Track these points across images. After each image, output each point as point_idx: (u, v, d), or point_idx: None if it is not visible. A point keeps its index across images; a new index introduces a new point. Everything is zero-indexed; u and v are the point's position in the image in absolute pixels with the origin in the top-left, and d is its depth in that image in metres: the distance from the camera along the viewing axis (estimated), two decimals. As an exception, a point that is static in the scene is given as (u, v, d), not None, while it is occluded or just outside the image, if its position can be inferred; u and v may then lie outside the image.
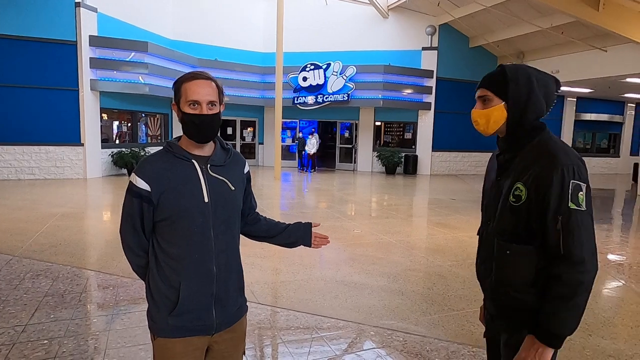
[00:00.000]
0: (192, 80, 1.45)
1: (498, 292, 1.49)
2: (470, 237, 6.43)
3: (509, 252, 1.43)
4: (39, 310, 3.43)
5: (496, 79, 1.47)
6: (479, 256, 1.62)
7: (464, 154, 16.92)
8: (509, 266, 1.43)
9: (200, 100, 1.43)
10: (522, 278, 1.40)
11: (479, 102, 1.52)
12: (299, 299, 3.89)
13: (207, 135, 1.48)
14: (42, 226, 6.26)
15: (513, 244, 1.42)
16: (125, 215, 1.50)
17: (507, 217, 1.43)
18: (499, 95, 1.45)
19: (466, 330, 3.36)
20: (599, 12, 10.84)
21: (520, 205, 1.38)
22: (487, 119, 1.49)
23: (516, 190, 1.40)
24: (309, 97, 15.78)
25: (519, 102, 1.43)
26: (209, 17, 15.97)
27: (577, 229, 1.30)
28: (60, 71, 11.56)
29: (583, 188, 1.32)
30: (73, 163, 11.93)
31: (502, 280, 1.46)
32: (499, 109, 1.46)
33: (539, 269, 1.37)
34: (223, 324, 1.53)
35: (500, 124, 1.48)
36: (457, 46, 16.22)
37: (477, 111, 1.52)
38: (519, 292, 1.41)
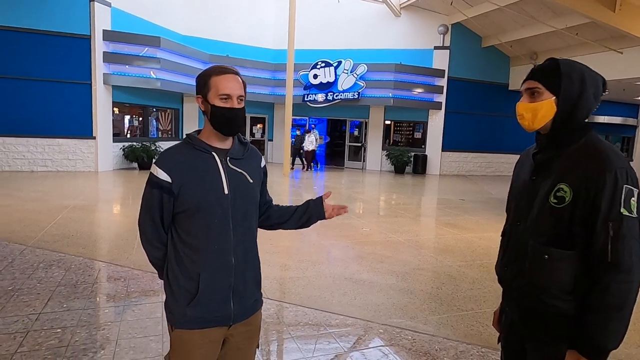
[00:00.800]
0: (222, 74, 1.48)
1: (528, 297, 1.40)
2: (480, 238, 6.40)
3: (547, 257, 1.33)
4: (52, 299, 3.49)
5: (549, 72, 1.38)
6: (503, 258, 1.54)
7: (474, 154, 16.80)
8: (546, 271, 1.34)
9: (232, 94, 1.47)
10: (559, 284, 1.31)
11: (527, 95, 1.42)
12: (308, 295, 3.90)
13: (236, 128, 1.52)
14: (54, 218, 6.34)
15: (552, 248, 1.33)
16: (145, 206, 1.51)
17: (545, 219, 1.35)
18: (551, 89, 1.37)
19: (475, 330, 3.35)
20: (615, 13, 10.68)
21: (563, 207, 1.30)
22: (534, 114, 1.40)
23: (559, 192, 1.32)
24: (319, 95, 15.77)
25: (571, 99, 1.35)
26: (220, 13, 16.02)
27: (627, 236, 1.22)
28: (73, 65, 11.68)
29: (635, 194, 1.25)
30: (85, 156, 12.06)
31: (535, 285, 1.37)
32: (549, 104, 1.37)
33: (578, 275, 1.29)
34: (240, 315, 1.55)
35: (547, 120, 1.39)
36: (469, 46, 16.09)
37: (523, 104, 1.42)
38: (554, 299, 1.32)
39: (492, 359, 2.90)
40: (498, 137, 17.03)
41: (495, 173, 17.16)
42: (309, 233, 6.24)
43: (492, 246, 5.96)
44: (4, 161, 11.30)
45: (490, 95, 16.66)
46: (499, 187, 13.35)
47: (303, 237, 5.99)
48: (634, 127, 20.46)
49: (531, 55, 15.58)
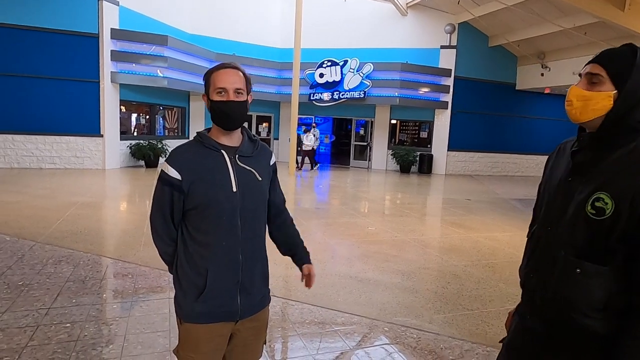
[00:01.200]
0: (220, 70, 1.50)
1: (554, 310, 1.27)
2: (486, 238, 6.39)
3: (579, 271, 1.20)
4: (61, 295, 3.53)
5: (619, 59, 1.19)
6: (529, 264, 1.41)
7: (480, 154, 16.73)
8: (576, 286, 1.20)
9: (227, 87, 1.48)
10: (590, 301, 1.18)
11: (585, 80, 1.24)
12: (313, 293, 3.92)
13: (235, 122, 1.52)
14: (63, 214, 6.41)
15: (585, 262, 1.19)
16: (156, 203, 1.54)
17: (580, 230, 1.20)
18: (615, 80, 1.18)
19: (480, 329, 3.35)
20: (624, 13, 10.60)
21: (602, 220, 1.15)
22: (585, 103, 1.22)
23: (598, 201, 1.16)
24: (325, 94, 15.77)
25: (634, 97, 1.17)
26: (227, 12, 16.07)
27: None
28: (82, 63, 11.77)
29: None
30: (92, 154, 12.16)
31: (563, 299, 1.24)
32: (606, 97, 1.19)
33: (612, 294, 1.17)
34: (247, 311, 1.57)
35: (598, 115, 1.21)
36: (476, 45, 16.02)
37: (577, 89, 1.24)
38: (583, 316, 1.20)
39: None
40: (505, 137, 16.95)
41: (502, 173, 17.08)
42: (315, 232, 6.27)
43: (498, 246, 5.95)
44: (13, 158, 11.42)
45: (497, 95, 16.58)
46: (505, 187, 13.30)
47: (309, 236, 6.01)
48: None
49: (539, 55, 15.48)
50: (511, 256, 5.49)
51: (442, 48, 15.82)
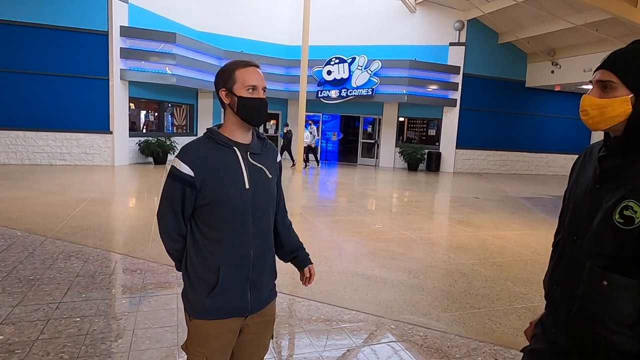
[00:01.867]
0: (247, 67, 1.54)
1: (579, 324, 1.20)
2: (494, 236, 6.35)
3: (606, 284, 1.12)
4: (71, 289, 3.58)
5: (629, 62, 1.13)
6: (553, 275, 1.34)
7: (489, 152, 16.61)
8: (603, 300, 1.13)
9: (258, 85, 1.54)
10: (618, 316, 1.11)
11: (597, 88, 1.18)
12: (320, 290, 3.93)
13: (262, 118, 1.58)
14: (73, 210, 6.49)
15: (613, 274, 1.11)
16: (166, 199, 1.54)
17: (607, 239, 1.13)
18: (629, 83, 1.11)
19: (488, 328, 3.34)
20: (637, 9, 10.43)
21: (632, 230, 1.08)
22: (602, 111, 1.15)
23: (627, 210, 1.09)
24: (333, 91, 15.75)
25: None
26: (235, 9, 16.10)
27: None
28: (91, 60, 11.88)
29: None
30: (102, 150, 12.27)
31: (589, 313, 1.17)
32: (623, 102, 1.12)
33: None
34: (256, 307, 1.58)
35: (620, 121, 1.14)
36: (485, 42, 15.88)
37: (590, 98, 1.18)
38: (611, 332, 1.12)
39: (504, 357, 2.90)
40: (514, 135, 16.81)
41: (510, 171, 16.95)
42: (321, 229, 6.28)
43: (506, 245, 5.91)
44: (24, 155, 11.57)
45: (507, 93, 16.43)
46: (514, 185, 13.20)
47: (315, 233, 6.02)
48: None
49: (549, 52, 15.31)
50: (519, 255, 5.45)
51: (450, 45, 15.71)
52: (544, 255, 5.39)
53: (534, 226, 7.24)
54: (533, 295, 4.08)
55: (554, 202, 10.24)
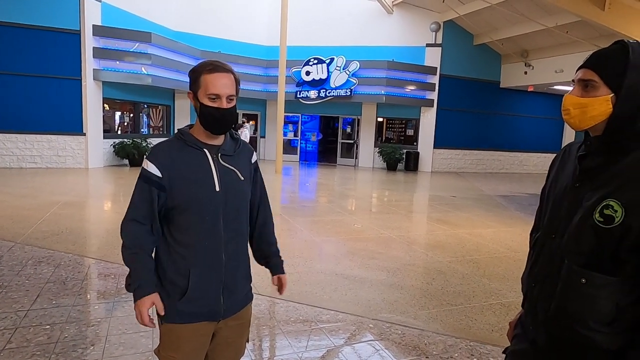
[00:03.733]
0: (213, 73, 1.44)
1: (558, 323, 1.20)
2: (470, 234, 6.46)
3: (584, 282, 1.13)
4: (40, 296, 3.46)
5: (612, 61, 1.12)
6: (531, 273, 1.33)
7: (466, 151, 16.91)
8: (581, 298, 1.13)
9: (221, 94, 1.44)
10: (596, 314, 1.12)
11: (578, 87, 1.17)
12: (299, 291, 3.92)
13: (225, 127, 1.50)
14: (44, 214, 6.28)
15: (592, 272, 1.12)
16: (134, 200, 1.50)
17: (586, 238, 1.13)
18: (609, 83, 1.11)
19: (464, 324, 3.39)
20: (604, 12, 10.79)
21: (611, 229, 1.08)
22: (583, 110, 1.15)
23: (607, 209, 1.09)
24: (312, 92, 15.75)
25: (635, 98, 1.09)
26: (212, 9, 15.91)
27: None
28: (63, 60, 11.54)
29: None
30: (75, 152, 11.94)
31: (567, 311, 1.17)
32: (603, 102, 1.12)
33: (620, 306, 1.10)
34: (230, 310, 1.56)
35: (601, 120, 1.14)
36: (461, 43, 16.16)
37: (572, 97, 1.18)
38: (589, 330, 1.13)
39: (480, 352, 2.94)
40: (489, 135, 17.16)
41: (487, 170, 17.29)
42: (301, 229, 6.26)
43: (482, 242, 6.02)
44: (-8, 157, 11.16)
45: (482, 93, 16.76)
46: (489, 184, 13.47)
47: (295, 234, 6.00)
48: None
49: (522, 53, 15.70)
50: (495, 252, 5.56)
51: (427, 46, 15.92)
52: (519, 251, 5.51)
53: (509, 223, 7.40)
54: (508, 291, 4.16)
55: (529, 199, 10.50)
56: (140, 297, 1.46)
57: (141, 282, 1.46)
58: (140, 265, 1.47)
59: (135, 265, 1.47)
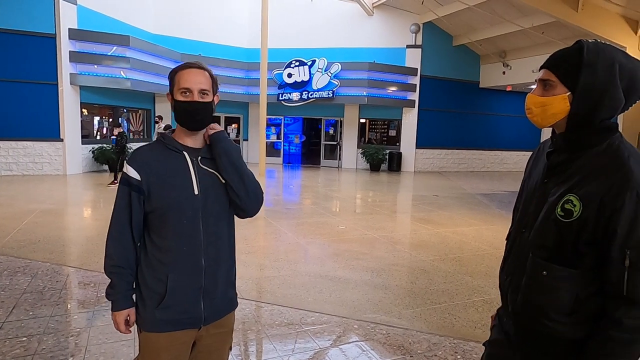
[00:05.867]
0: (185, 69, 1.47)
1: (524, 314, 1.25)
2: (453, 232, 6.53)
3: (545, 274, 1.18)
4: (17, 307, 3.36)
5: (567, 61, 1.17)
6: (504, 267, 1.39)
7: (447, 151, 17.12)
8: (544, 289, 1.18)
9: (192, 87, 1.44)
10: (557, 305, 1.16)
11: (539, 86, 1.22)
12: (284, 294, 3.90)
13: (199, 122, 1.49)
14: (20, 223, 6.11)
15: (553, 265, 1.17)
16: (116, 205, 1.49)
17: (549, 232, 1.18)
18: (566, 82, 1.16)
19: (448, 322, 3.42)
20: (578, 13, 11.08)
21: (571, 222, 1.13)
22: (544, 109, 1.20)
23: (567, 203, 1.14)
24: (294, 94, 15.74)
25: (590, 96, 1.13)
26: (192, 12, 15.76)
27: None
28: (38, 65, 11.26)
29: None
30: (52, 159, 11.66)
31: (531, 302, 1.22)
32: (561, 100, 1.17)
33: (579, 298, 1.14)
34: (211, 317, 1.53)
35: (560, 118, 1.19)
36: (440, 44, 16.38)
37: (533, 97, 1.23)
38: (550, 320, 1.18)
39: (463, 349, 2.97)
40: (470, 134, 17.41)
41: (468, 169, 17.54)
42: (285, 232, 6.24)
43: (464, 240, 6.10)
44: (-35, 165, 10.81)
45: (462, 93, 17.01)
46: (471, 182, 13.66)
47: (279, 237, 5.97)
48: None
49: (500, 54, 15.99)
50: (477, 249, 5.63)
51: (408, 47, 16.09)
52: (501, 249, 5.56)
53: (491, 221, 7.52)
54: (490, 288, 4.22)
55: (509, 197, 10.68)
56: (116, 310, 1.49)
57: (118, 297, 1.48)
58: (119, 279, 1.48)
59: (115, 277, 1.48)
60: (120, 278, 1.47)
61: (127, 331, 1.52)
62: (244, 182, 1.53)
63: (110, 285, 1.49)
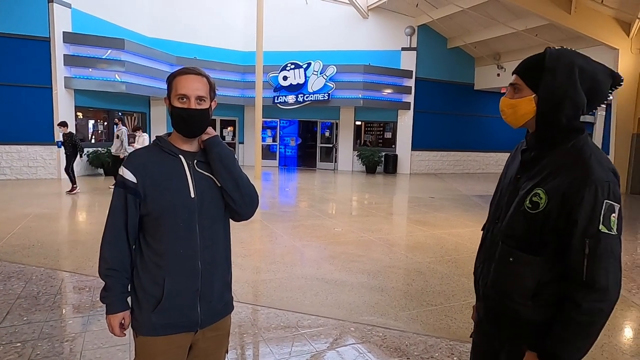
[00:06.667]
0: (183, 75, 1.47)
1: (491, 297, 1.38)
2: (449, 234, 6.55)
3: (512, 260, 1.30)
4: (11, 312, 3.34)
5: (532, 66, 1.30)
6: (479, 255, 1.51)
7: (443, 153, 17.18)
8: (509, 274, 1.31)
9: (189, 94, 1.45)
10: (521, 289, 1.28)
11: (510, 90, 1.36)
12: (280, 297, 3.89)
13: (195, 129, 1.49)
14: (14, 227, 6.07)
15: (519, 252, 1.29)
16: (112, 207, 1.49)
17: (518, 222, 1.30)
18: (531, 85, 1.29)
19: (444, 324, 3.42)
20: (570, 15, 11.17)
21: (537, 214, 1.24)
22: (514, 110, 1.34)
23: (534, 196, 1.25)
24: (290, 97, 15.75)
25: (552, 97, 1.25)
26: (187, 15, 15.76)
27: (604, 255, 1.16)
28: (32, 68, 11.22)
29: (616, 209, 1.18)
30: (46, 163, 11.60)
31: (498, 286, 1.35)
32: (528, 102, 1.30)
33: (541, 283, 1.25)
34: (207, 320, 1.53)
35: (529, 118, 1.32)
36: (435, 47, 16.46)
37: (504, 100, 1.37)
38: (514, 303, 1.29)
39: (459, 351, 2.98)
40: (465, 136, 17.48)
41: (464, 171, 17.60)
42: (281, 235, 6.23)
43: (461, 242, 6.11)
44: (-42, 170, 10.73)
45: (457, 95, 17.09)
46: (467, 184, 13.71)
47: (275, 240, 5.96)
48: (592, 124, 21.41)
49: (494, 56, 16.08)
50: (473, 251, 5.61)
51: (403, 50, 16.15)
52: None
53: (486, 223, 7.53)
54: (486, 289, 4.22)
55: (504, 198, 10.70)
56: (111, 313, 1.48)
57: (113, 300, 1.47)
58: (114, 282, 1.47)
59: (109, 280, 1.47)
60: (115, 281, 1.47)
61: (122, 334, 1.50)
62: (239, 186, 1.54)
63: (104, 288, 1.48)
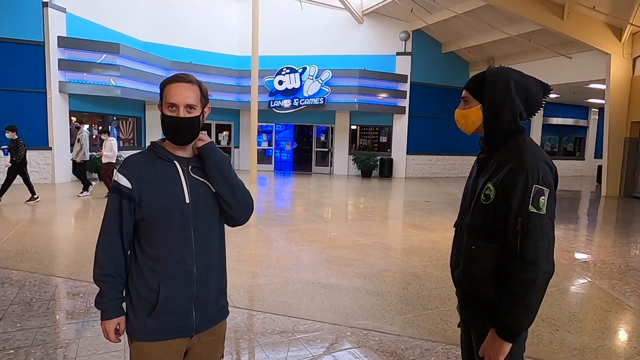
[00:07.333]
0: (173, 83, 1.46)
1: (463, 282, 1.60)
2: (444, 238, 6.57)
3: (474, 248, 1.52)
4: (4, 319, 3.30)
5: (476, 82, 1.56)
6: (452, 248, 1.72)
7: (438, 157, 17.25)
8: (473, 260, 1.53)
9: (178, 103, 1.44)
10: (483, 272, 1.50)
11: (462, 102, 1.60)
12: (276, 301, 3.88)
13: (184, 137, 1.49)
14: (7, 233, 6.02)
15: (479, 240, 1.51)
16: (106, 213, 1.48)
17: (477, 215, 1.52)
18: (476, 97, 1.54)
19: (440, 328, 3.43)
20: (563, 21, 11.29)
21: (489, 205, 1.46)
22: (466, 119, 1.58)
23: (486, 190, 1.48)
24: (285, 101, 15.78)
25: (493, 105, 1.50)
26: (182, 19, 15.77)
27: (533, 231, 1.37)
28: (27, 73, 11.16)
29: (545, 193, 1.39)
30: (41, 167, 11.52)
31: (466, 272, 1.57)
32: (476, 111, 1.54)
33: (499, 265, 1.46)
34: (203, 325, 1.53)
35: (478, 125, 1.57)
36: (430, 52, 16.57)
37: (458, 111, 1.61)
38: (480, 285, 1.51)
39: (456, 355, 2.98)
40: (460, 140, 17.54)
41: (459, 175, 17.67)
42: (277, 239, 6.22)
43: (455, 245, 6.12)
44: (-49, 175, 10.62)
45: (452, 99, 17.04)
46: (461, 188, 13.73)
47: (271, 244, 5.95)
48: (585, 127, 21.59)
49: (488, 61, 16.21)
50: (468, 255, 5.66)
51: (397, 55, 16.25)
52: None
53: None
54: (481, 292, 4.24)
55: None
56: (106, 319, 1.48)
57: (108, 305, 1.47)
58: (109, 287, 1.47)
59: (104, 286, 1.47)
60: (110, 286, 1.46)
61: (117, 340, 1.50)
62: (235, 192, 1.54)
63: (99, 294, 1.48)
